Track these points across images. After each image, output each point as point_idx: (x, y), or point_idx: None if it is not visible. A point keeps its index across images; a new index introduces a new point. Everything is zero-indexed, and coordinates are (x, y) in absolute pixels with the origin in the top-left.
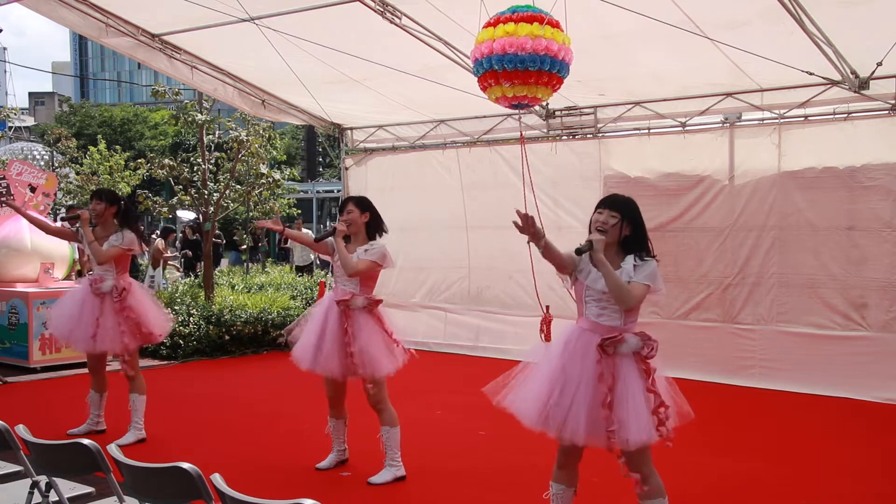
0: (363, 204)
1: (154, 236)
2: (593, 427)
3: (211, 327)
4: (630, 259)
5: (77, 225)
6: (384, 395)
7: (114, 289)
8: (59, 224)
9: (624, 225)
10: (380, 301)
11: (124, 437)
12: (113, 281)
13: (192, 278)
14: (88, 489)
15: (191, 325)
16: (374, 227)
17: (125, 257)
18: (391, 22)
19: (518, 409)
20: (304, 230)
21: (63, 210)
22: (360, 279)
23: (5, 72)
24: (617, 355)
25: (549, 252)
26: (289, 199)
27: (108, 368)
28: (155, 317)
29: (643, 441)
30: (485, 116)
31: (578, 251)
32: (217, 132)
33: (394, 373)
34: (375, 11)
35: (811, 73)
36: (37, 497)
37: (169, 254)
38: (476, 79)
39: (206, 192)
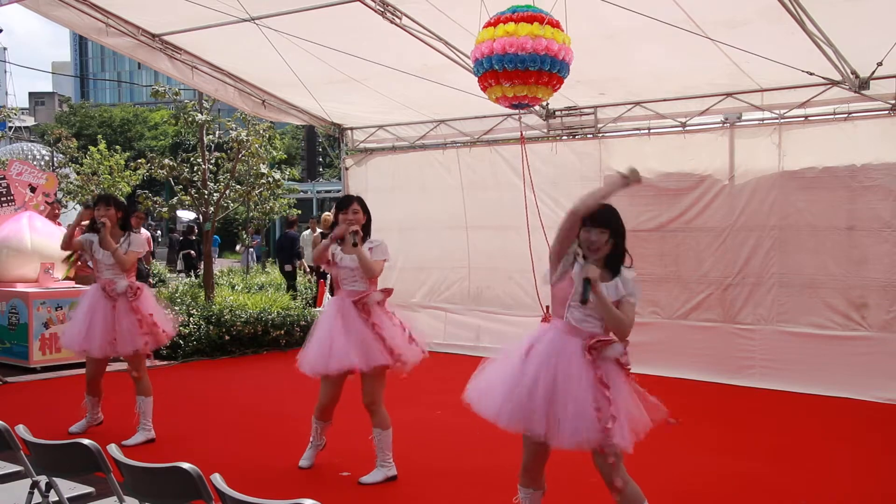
0: (365, 206)
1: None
2: (577, 427)
3: (211, 327)
4: (613, 284)
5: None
6: (380, 397)
7: (128, 289)
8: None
9: (611, 240)
10: (391, 290)
11: (133, 437)
12: (126, 282)
13: (193, 278)
14: (88, 489)
15: (191, 325)
16: (369, 228)
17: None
18: (391, 22)
19: (474, 399)
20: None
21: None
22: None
23: (5, 72)
24: (601, 359)
25: None
26: (289, 199)
27: (108, 369)
28: (164, 317)
29: (624, 444)
30: (485, 116)
31: (584, 301)
32: (217, 132)
33: (417, 362)
34: (375, 11)
35: (811, 73)
36: (37, 497)
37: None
38: (476, 79)
39: (206, 192)
